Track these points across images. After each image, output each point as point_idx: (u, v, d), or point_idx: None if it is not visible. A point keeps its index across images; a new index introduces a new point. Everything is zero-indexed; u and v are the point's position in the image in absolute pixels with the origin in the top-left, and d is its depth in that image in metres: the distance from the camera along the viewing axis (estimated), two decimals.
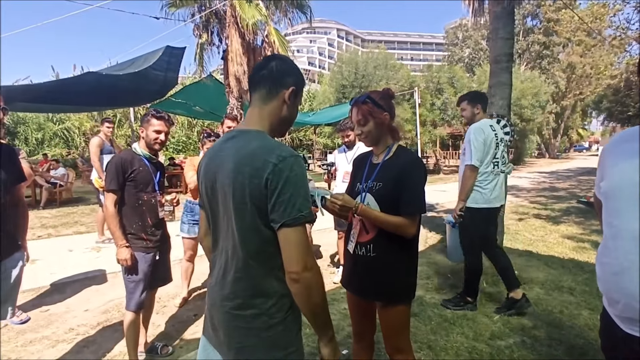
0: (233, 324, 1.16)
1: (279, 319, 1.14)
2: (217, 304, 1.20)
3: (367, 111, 1.73)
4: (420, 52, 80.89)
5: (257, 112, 1.24)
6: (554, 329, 3.01)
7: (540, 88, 19.06)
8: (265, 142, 1.15)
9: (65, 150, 17.33)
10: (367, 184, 1.76)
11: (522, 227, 6.70)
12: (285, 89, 1.23)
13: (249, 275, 1.14)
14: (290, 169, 1.07)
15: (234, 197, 1.11)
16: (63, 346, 2.82)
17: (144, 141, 2.47)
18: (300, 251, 1.06)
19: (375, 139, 1.79)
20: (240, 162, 1.11)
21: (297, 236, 1.07)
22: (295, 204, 1.06)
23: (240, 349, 1.14)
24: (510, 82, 4.15)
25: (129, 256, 2.31)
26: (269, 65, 1.24)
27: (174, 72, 9.37)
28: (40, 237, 6.10)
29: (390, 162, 1.77)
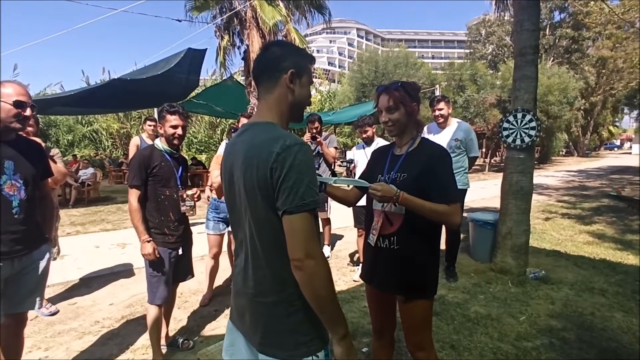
0: (257, 310, 1.18)
1: (299, 307, 1.14)
2: (241, 291, 1.23)
3: (399, 98, 1.70)
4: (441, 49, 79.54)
5: (264, 104, 1.23)
6: (584, 331, 2.88)
7: (568, 84, 18.34)
8: (272, 133, 1.13)
9: (93, 151, 17.94)
10: (390, 176, 1.73)
11: (549, 227, 6.46)
12: (284, 73, 1.19)
13: (267, 264, 1.15)
14: (294, 157, 1.05)
15: (246, 190, 1.12)
16: (89, 338, 2.90)
17: (163, 137, 2.51)
18: (303, 238, 1.05)
19: (401, 128, 1.75)
20: (248, 154, 1.12)
21: (300, 223, 1.05)
22: (297, 192, 1.04)
23: (265, 334, 1.17)
24: (536, 76, 3.99)
25: (152, 250, 2.35)
26: (265, 55, 1.23)
27: (196, 74, 9.52)
28: (69, 234, 6.32)
29: (414, 153, 1.73)
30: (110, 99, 8.81)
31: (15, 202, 1.87)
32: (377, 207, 1.77)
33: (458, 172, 3.88)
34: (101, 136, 18.41)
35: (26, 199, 1.92)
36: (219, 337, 2.86)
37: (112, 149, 18.77)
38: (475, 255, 4.63)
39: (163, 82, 8.34)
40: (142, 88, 8.33)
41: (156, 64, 8.60)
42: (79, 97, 7.81)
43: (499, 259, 4.14)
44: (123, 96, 8.76)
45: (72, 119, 17.72)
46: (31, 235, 1.96)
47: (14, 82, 1.89)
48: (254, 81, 1.28)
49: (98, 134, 18.35)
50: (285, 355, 1.14)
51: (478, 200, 9.36)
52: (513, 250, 4.05)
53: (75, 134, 17.82)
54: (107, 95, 8.42)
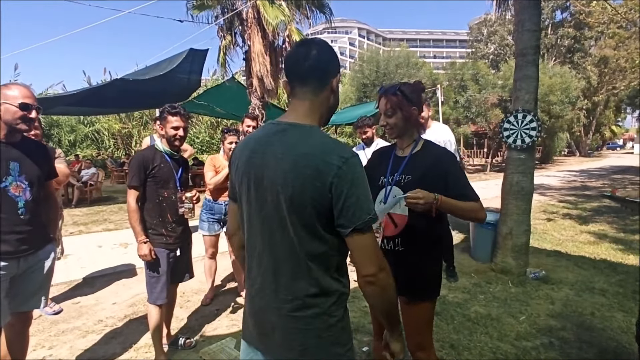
0: (292, 326, 1.12)
1: (338, 317, 1.13)
2: (272, 307, 1.14)
3: (396, 103, 1.70)
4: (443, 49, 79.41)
5: (309, 105, 1.15)
6: (584, 330, 2.90)
7: (570, 83, 18.31)
8: (324, 139, 1.09)
9: (95, 151, 18.00)
10: (394, 177, 1.73)
11: (550, 227, 6.47)
12: (333, 77, 1.17)
13: (309, 275, 1.09)
14: (354, 170, 1.04)
15: (292, 199, 1.04)
16: (92, 337, 2.92)
17: (164, 138, 2.50)
18: (374, 253, 1.06)
19: (400, 132, 1.75)
20: (298, 162, 1.04)
21: (368, 239, 1.06)
22: (363, 207, 1.03)
23: (304, 349, 1.11)
24: (537, 76, 4.00)
25: (148, 251, 2.35)
26: (312, 55, 1.13)
27: (197, 75, 9.53)
28: (72, 233, 6.36)
29: (418, 155, 1.73)
30: (112, 99, 8.85)
31: (21, 203, 1.90)
32: (379, 208, 1.75)
33: None
34: (103, 136, 18.47)
35: (31, 199, 1.95)
36: (221, 336, 2.89)
37: (114, 149, 18.83)
38: (475, 255, 4.65)
39: (165, 83, 8.38)
40: (144, 88, 8.36)
41: (158, 64, 8.63)
42: (81, 97, 7.86)
43: (500, 259, 4.16)
44: (125, 97, 8.80)
45: (74, 119, 17.77)
46: (36, 235, 1.99)
47: (19, 84, 1.92)
48: (293, 77, 1.17)
49: (100, 134, 18.40)
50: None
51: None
52: (513, 251, 4.07)
53: (77, 134, 17.88)
54: (110, 95, 8.46)
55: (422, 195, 1.54)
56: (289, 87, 1.18)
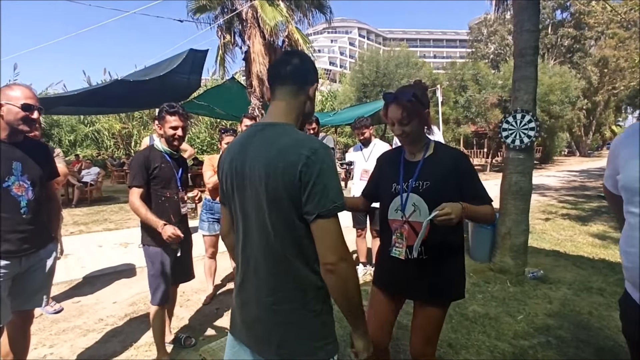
0: (272, 320, 1.16)
1: (317, 312, 1.15)
2: (253, 301, 1.20)
3: (412, 109, 1.60)
4: (443, 49, 79.40)
5: (285, 106, 1.24)
6: (581, 330, 2.92)
7: (570, 83, 18.31)
8: (297, 135, 1.16)
9: (95, 151, 18.02)
10: (409, 184, 1.65)
11: (549, 227, 6.49)
12: (310, 85, 1.27)
13: (286, 269, 1.14)
14: (322, 160, 1.08)
15: (268, 192, 1.10)
16: (93, 335, 2.95)
17: (163, 138, 2.47)
18: (335, 242, 1.07)
19: (416, 138, 1.68)
20: (273, 156, 1.11)
21: (331, 227, 1.08)
22: (328, 195, 1.07)
23: (282, 342, 1.15)
24: (536, 76, 4.02)
25: (173, 230, 2.23)
26: (293, 62, 1.25)
27: (197, 75, 9.54)
28: (73, 233, 6.38)
29: (432, 159, 1.67)
30: (112, 99, 8.88)
31: (24, 202, 1.92)
32: (397, 216, 1.68)
33: None
34: (103, 136, 18.49)
35: (34, 199, 1.96)
36: (221, 335, 2.91)
37: (114, 149, 18.85)
38: (474, 255, 4.66)
39: (165, 83, 8.39)
40: (144, 88, 8.37)
41: (158, 65, 8.65)
42: (82, 97, 7.87)
43: (498, 259, 4.18)
44: (125, 97, 8.81)
45: (74, 119, 17.80)
46: (38, 234, 2.01)
47: (21, 85, 1.93)
48: (272, 79, 1.27)
49: (100, 134, 18.43)
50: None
51: None
52: (512, 250, 4.09)
53: (78, 134, 17.91)
54: (110, 95, 8.48)
55: (451, 209, 1.43)
56: (270, 91, 1.27)
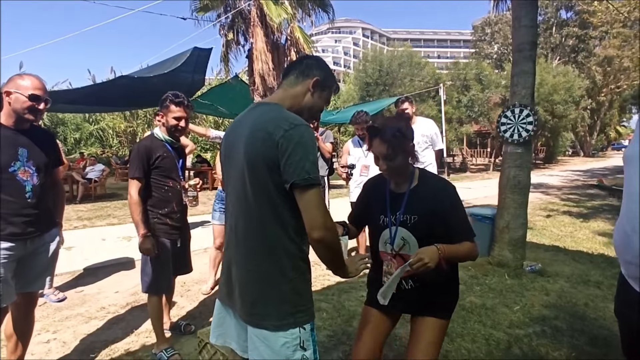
0: (249, 280, 1.25)
1: (290, 277, 1.22)
2: (233, 262, 1.30)
3: (398, 145, 1.55)
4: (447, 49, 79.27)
5: (282, 92, 1.36)
6: (577, 320, 2.94)
7: (574, 83, 18.27)
8: (281, 112, 1.24)
9: (100, 149, 18.16)
10: (397, 217, 1.61)
11: (549, 223, 6.51)
12: (310, 78, 1.34)
13: (263, 234, 1.22)
14: (301, 135, 1.15)
15: (248, 161, 1.19)
16: (95, 322, 3.01)
17: (164, 127, 2.48)
18: (320, 214, 1.14)
19: (402, 172, 1.64)
20: (255, 128, 1.21)
21: (314, 198, 1.15)
22: (304, 167, 1.13)
23: (254, 303, 1.23)
24: (534, 71, 4.05)
25: (150, 246, 2.30)
26: (302, 59, 1.42)
27: (201, 74, 9.55)
28: (77, 227, 6.47)
29: (418, 190, 1.62)
30: (116, 97, 8.93)
31: (29, 187, 1.98)
32: (386, 249, 1.66)
33: (426, 167, 4.07)
34: (108, 134, 18.64)
35: (38, 184, 2.02)
36: None
37: (118, 147, 18.98)
38: None
39: (169, 81, 8.43)
40: (148, 87, 8.44)
41: (163, 63, 8.73)
42: (85, 94, 7.95)
43: (497, 252, 4.21)
44: (129, 95, 8.87)
45: (79, 117, 17.95)
46: (43, 219, 2.07)
47: (33, 75, 1.98)
48: (282, 76, 1.41)
49: (105, 132, 18.56)
50: (272, 325, 1.20)
51: (481, 199, 9.39)
52: (510, 244, 4.11)
53: (83, 132, 18.06)
54: (114, 93, 8.56)
55: (426, 257, 1.42)
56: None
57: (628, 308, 1.26)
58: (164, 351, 2.44)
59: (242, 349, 1.37)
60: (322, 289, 3.63)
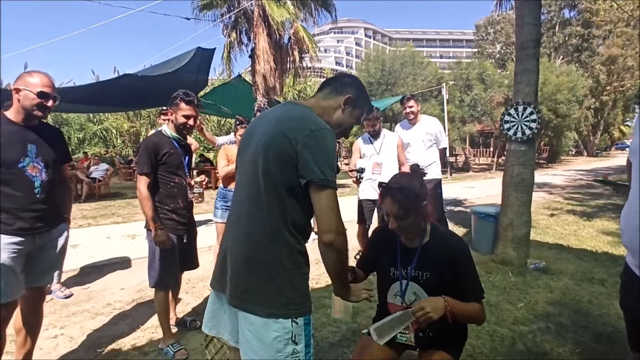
0: (243, 266, 1.26)
1: (287, 268, 1.23)
2: (230, 248, 1.32)
3: (409, 206, 1.52)
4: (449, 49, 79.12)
5: (314, 101, 1.42)
6: (581, 316, 2.94)
7: (577, 82, 18.21)
8: (311, 114, 1.28)
9: (103, 149, 18.25)
10: (408, 272, 1.60)
11: (553, 222, 6.49)
12: (343, 95, 1.40)
13: (265, 223, 1.24)
14: (325, 137, 1.20)
15: (266, 151, 1.22)
16: (102, 318, 3.04)
17: (172, 124, 2.52)
18: (334, 216, 1.16)
19: (413, 231, 1.61)
20: (281, 122, 1.25)
21: (329, 200, 1.16)
22: (323, 168, 1.16)
23: (245, 289, 1.25)
24: (537, 69, 4.05)
25: (165, 238, 2.35)
26: (338, 77, 1.48)
27: (204, 74, 9.51)
28: (81, 226, 6.51)
29: (430, 246, 1.60)
30: (119, 96, 8.93)
31: (37, 183, 2.00)
32: (396, 301, 1.64)
33: (430, 165, 4.11)
34: (111, 134, 18.74)
35: (47, 180, 2.05)
36: None
37: (122, 147, 19.06)
38: (477, 247, 4.70)
39: (172, 82, 8.44)
40: (151, 87, 8.46)
41: (166, 63, 8.75)
42: (89, 92, 7.96)
43: (500, 250, 4.21)
44: (133, 94, 8.90)
45: (83, 117, 18.05)
46: (51, 214, 2.09)
47: (42, 72, 2.00)
48: (317, 89, 1.47)
49: (108, 132, 18.67)
50: (262, 312, 1.21)
51: (484, 198, 9.39)
52: (514, 242, 4.12)
53: (87, 132, 18.17)
54: (117, 92, 8.57)
55: (429, 306, 1.41)
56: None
57: (634, 299, 1.27)
58: (171, 346, 2.47)
59: (235, 339, 1.39)
60: (327, 286, 3.65)
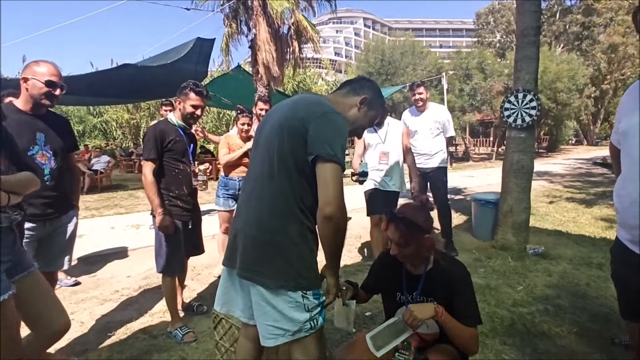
0: (254, 239, 1.32)
1: (296, 242, 1.29)
2: (242, 223, 1.37)
3: (410, 236, 1.55)
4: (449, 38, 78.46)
5: (332, 96, 1.51)
6: (578, 299, 3.01)
7: (578, 70, 18.15)
8: (328, 103, 1.35)
9: (104, 141, 18.27)
10: (414, 297, 1.65)
11: (552, 209, 6.56)
12: (360, 95, 1.48)
13: (277, 200, 1.29)
14: (337, 120, 1.28)
15: (281, 130, 1.30)
16: (110, 304, 3.11)
17: (179, 112, 2.56)
18: (336, 192, 1.20)
19: (414, 259, 1.65)
20: (299, 104, 1.35)
21: (333, 172, 1.21)
22: (332, 146, 1.22)
23: (255, 260, 1.31)
24: (537, 57, 4.06)
25: (169, 223, 2.41)
26: (358, 79, 1.58)
27: (204, 65, 9.42)
28: (85, 217, 6.55)
29: (434, 273, 1.64)
30: (119, 88, 8.91)
31: (47, 170, 2.05)
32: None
33: (437, 153, 4.15)
34: (111, 127, 18.73)
35: (56, 168, 2.10)
36: None
37: (122, 139, 19.07)
38: (477, 233, 4.76)
39: (172, 73, 8.42)
40: (151, 78, 8.44)
41: (166, 54, 8.71)
42: (89, 82, 7.92)
43: (500, 236, 4.27)
44: (132, 86, 8.88)
45: (83, 110, 18.03)
46: (60, 201, 2.15)
47: (48, 62, 2.04)
48: (336, 88, 1.59)
49: (108, 124, 18.68)
50: (272, 284, 1.27)
51: (484, 186, 9.43)
52: (514, 228, 4.17)
53: (86, 124, 18.18)
54: (117, 84, 8.55)
55: (416, 309, 1.46)
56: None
57: (627, 270, 1.33)
58: (179, 329, 2.54)
59: (247, 316, 1.45)
60: None
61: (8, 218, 1.49)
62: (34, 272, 1.67)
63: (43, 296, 1.68)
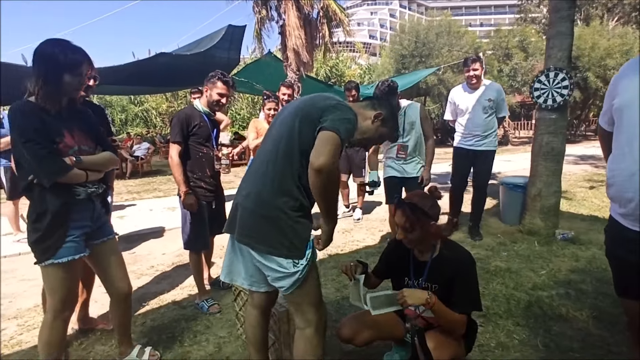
0: (254, 209, 1.44)
1: (291, 216, 1.40)
2: (243, 195, 1.50)
3: (415, 221, 1.63)
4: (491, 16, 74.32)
5: (352, 104, 1.59)
6: (603, 284, 2.92)
7: (633, 45, 16.70)
8: (344, 102, 1.49)
9: (144, 129, 19.19)
10: (420, 282, 1.73)
11: (591, 194, 6.25)
12: (376, 110, 1.60)
13: (278, 176, 1.41)
14: (347, 112, 1.40)
15: (296, 113, 1.45)
16: (145, 278, 3.39)
17: (205, 99, 2.70)
18: (330, 148, 1.28)
19: (419, 245, 1.73)
20: (315, 97, 1.50)
21: (331, 137, 1.30)
22: (337, 124, 1.33)
23: (253, 227, 1.43)
24: (572, 32, 3.84)
25: (193, 201, 2.59)
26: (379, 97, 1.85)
27: (236, 52, 9.60)
28: (127, 200, 7.06)
29: (439, 260, 1.71)
30: (157, 77, 9.27)
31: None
32: (411, 308, 1.74)
33: (490, 134, 3.95)
34: (151, 115, 19.62)
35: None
36: None
37: (162, 127, 19.94)
38: (505, 218, 4.66)
39: (205, 61, 8.67)
40: (186, 66, 8.74)
41: (199, 42, 8.97)
42: (128, 73, 8.31)
43: (527, 221, 4.17)
44: (169, 74, 9.20)
45: (125, 99, 18.99)
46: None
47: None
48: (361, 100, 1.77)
49: (149, 113, 19.56)
50: (265, 249, 1.40)
51: (520, 171, 9.03)
52: (542, 212, 4.06)
53: (128, 113, 19.14)
54: (154, 73, 8.90)
55: (407, 293, 1.54)
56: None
57: (622, 247, 1.33)
58: (205, 301, 2.75)
59: (249, 282, 1.60)
60: (350, 252, 3.83)
61: (85, 191, 1.75)
62: (112, 240, 1.99)
63: (114, 261, 2.02)
